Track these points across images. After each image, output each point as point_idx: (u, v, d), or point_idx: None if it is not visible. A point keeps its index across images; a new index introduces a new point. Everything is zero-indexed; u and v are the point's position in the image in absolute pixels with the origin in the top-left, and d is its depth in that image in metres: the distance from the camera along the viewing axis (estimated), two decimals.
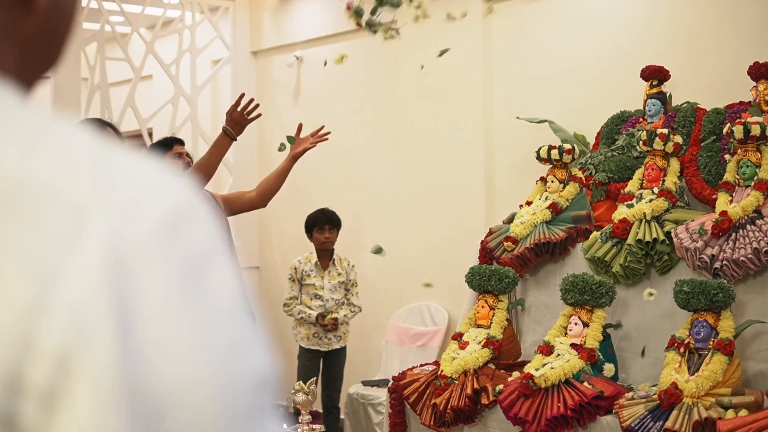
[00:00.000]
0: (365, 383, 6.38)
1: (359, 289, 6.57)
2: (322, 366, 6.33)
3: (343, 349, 6.36)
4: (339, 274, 6.31)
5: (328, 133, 4.98)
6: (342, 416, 6.43)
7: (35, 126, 0.68)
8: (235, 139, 4.51)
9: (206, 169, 4.43)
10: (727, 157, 4.67)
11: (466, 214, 6.44)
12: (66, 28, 0.78)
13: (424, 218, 6.73)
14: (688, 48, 5.48)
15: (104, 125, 3.90)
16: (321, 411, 6.29)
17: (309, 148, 4.92)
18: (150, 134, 7.52)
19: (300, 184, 7.68)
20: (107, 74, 7.16)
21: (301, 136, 4.94)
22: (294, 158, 4.90)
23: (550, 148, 5.09)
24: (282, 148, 4.99)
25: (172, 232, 0.66)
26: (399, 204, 6.94)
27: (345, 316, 6.28)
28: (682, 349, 4.11)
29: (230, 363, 0.66)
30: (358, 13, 3.88)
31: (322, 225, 6.26)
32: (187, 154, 4.76)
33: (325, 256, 6.31)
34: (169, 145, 4.70)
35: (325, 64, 5.44)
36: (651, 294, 4.51)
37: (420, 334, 6.66)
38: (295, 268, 6.27)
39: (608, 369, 4.33)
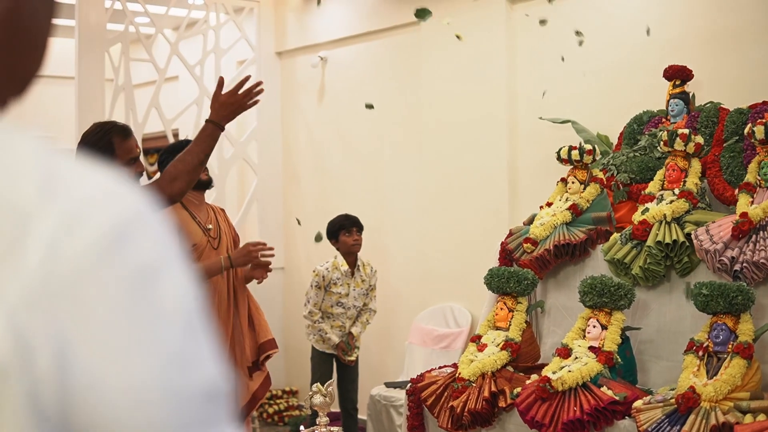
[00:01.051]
0: (388, 385, 6.36)
1: (383, 290, 6.56)
2: (337, 368, 6.31)
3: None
4: (363, 281, 6.28)
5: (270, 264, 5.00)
6: (365, 417, 6.40)
7: None
8: (222, 129, 3.61)
9: (183, 172, 3.52)
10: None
11: (490, 215, 6.41)
12: (35, 40, 0.74)
13: (448, 219, 6.70)
14: (711, 48, 5.41)
15: (109, 128, 3.78)
16: (340, 412, 6.27)
17: (259, 279, 4.94)
18: (175, 135, 7.55)
19: (324, 184, 7.69)
20: (132, 75, 7.20)
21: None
22: (247, 281, 4.95)
23: (571, 148, 5.03)
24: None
25: (116, 244, 0.64)
26: (422, 205, 6.91)
27: (360, 332, 6.27)
28: (700, 353, 4.05)
29: (176, 375, 0.65)
30: None
31: (350, 228, 6.24)
32: None
33: (351, 261, 6.27)
34: (181, 149, 4.68)
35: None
36: None
37: (443, 336, 6.64)
38: (323, 276, 6.21)
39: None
